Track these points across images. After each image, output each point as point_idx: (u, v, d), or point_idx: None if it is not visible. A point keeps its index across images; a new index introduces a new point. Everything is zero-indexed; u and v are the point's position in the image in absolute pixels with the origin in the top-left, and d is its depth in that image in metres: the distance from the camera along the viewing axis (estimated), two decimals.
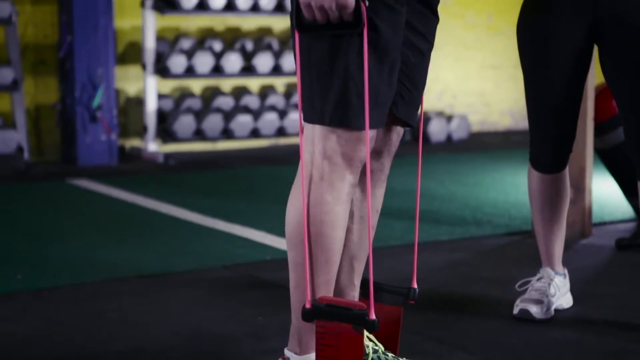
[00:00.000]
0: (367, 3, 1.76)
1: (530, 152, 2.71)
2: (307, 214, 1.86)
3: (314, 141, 1.86)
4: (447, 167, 5.90)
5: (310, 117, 1.87)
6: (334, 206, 1.86)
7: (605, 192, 4.62)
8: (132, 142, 6.48)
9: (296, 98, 6.80)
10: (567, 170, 2.74)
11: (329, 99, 1.83)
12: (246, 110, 6.54)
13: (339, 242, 1.89)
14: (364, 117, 1.81)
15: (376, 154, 2.02)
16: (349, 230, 2.02)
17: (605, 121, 3.80)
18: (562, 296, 2.78)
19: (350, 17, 1.75)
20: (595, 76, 3.57)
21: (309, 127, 1.88)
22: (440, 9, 2.05)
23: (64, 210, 4.53)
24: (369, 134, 1.85)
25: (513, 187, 5.02)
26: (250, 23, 6.86)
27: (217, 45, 6.58)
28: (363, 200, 2.02)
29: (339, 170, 1.86)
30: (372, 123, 1.85)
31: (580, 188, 3.75)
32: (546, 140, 2.65)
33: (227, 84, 6.82)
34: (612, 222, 4.10)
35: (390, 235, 3.78)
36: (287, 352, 1.97)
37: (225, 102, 6.58)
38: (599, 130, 3.81)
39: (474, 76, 7.88)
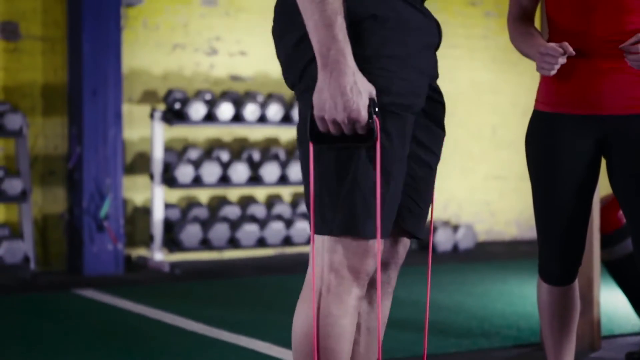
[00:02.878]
0: (379, 117, 1.79)
1: (539, 264, 2.70)
2: (317, 328, 1.85)
3: (322, 253, 1.87)
4: (454, 277, 5.88)
5: (319, 228, 1.88)
6: (340, 319, 1.86)
7: (614, 304, 4.59)
8: (139, 252, 6.48)
9: (302, 207, 6.82)
10: (576, 283, 2.73)
11: (336, 210, 1.84)
12: (252, 219, 6.57)
13: (346, 355, 1.88)
14: (370, 226, 1.83)
15: (383, 265, 2.02)
16: (355, 342, 2.00)
17: (612, 233, 3.80)
18: None
19: (363, 131, 1.78)
20: (600, 187, 3.59)
21: (319, 239, 1.89)
22: (447, 119, 2.09)
23: (69, 321, 4.51)
24: (372, 245, 1.86)
25: (521, 298, 4.99)
26: (257, 133, 6.95)
27: (225, 155, 6.65)
28: (370, 312, 2.02)
29: (345, 283, 1.86)
30: (375, 234, 1.86)
31: (588, 300, 3.73)
32: (555, 253, 2.65)
33: (233, 193, 6.86)
34: (621, 335, 4.05)
35: (396, 348, 3.75)
36: None
37: (232, 212, 6.61)
38: (605, 242, 3.81)
39: (479, 186, 7.92)
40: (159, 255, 6.29)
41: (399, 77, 1.85)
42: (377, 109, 1.77)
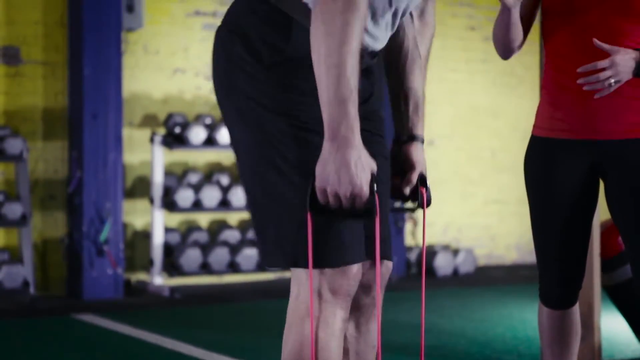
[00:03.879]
0: (378, 197, 1.81)
1: (539, 287, 2.70)
2: (315, 354, 1.86)
3: (302, 280, 1.88)
4: (454, 301, 5.87)
5: (299, 262, 1.88)
6: (327, 343, 1.87)
7: (615, 329, 4.57)
8: (138, 276, 6.47)
9: None
10: (577, 307, 2.72)
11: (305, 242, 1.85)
12: (252, 243, 6.56)
13: None
14: (343, 252, 1.84)
15: (366, 288, 2.02)
16: None
17: (612, 258, 3.80)
18: None
19: (362, 206, 1.79)
20: (600, 212, 3.59)
21: (298, 275, 1.91)
22: (445, 143, 2.10)
23: (68, 346, 4.49)
24: (354, 269, 1.88)
25: (521, 322, 4.97)
26: None
27: (225, 179, 6.65)
28: (358, 336, 2.02)
29: (329, 307, 1.87)
30: (355, 257, 1.87)
31: (589, 325, 3.72)
32: (555, 277, 2.65)
33: (233, 217, 6.86)
34: None
35: None
36: None
37: (232, 236, 6.60)
38: (606, 267, 3.80)
39: (479, 210, 7.92)
40: (159, 280, 6.27)
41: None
42: (376, 185, 1.79)
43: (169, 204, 6.31)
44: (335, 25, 1.75)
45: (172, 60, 6.64)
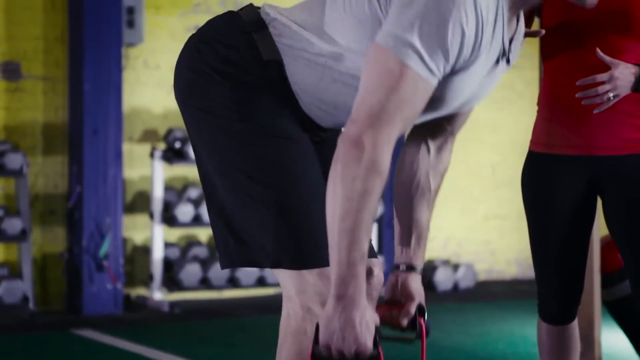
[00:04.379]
0: (382, 349, 1.80)
1: (538, 303, 2.70)
2: None
3: (290, 296, 1.90)
4: (454, 317, 5.85)
5: (275, 262, 1.90)
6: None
7: (615, 344, 4.56)
8: (138, 291, 6.46)
9: None
10: (576, 322, 2.72)
11: (295, 243, 1.88)
12: None
13: None
14: (323, 253, 1.84)
15: None
16: None
17: (612, 273, 3.80)
18: None
19: (365, 359, 1.78)
20: (600, 227, 3.59)
21: (282, 278, 1.91)
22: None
23: None
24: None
25: (521, 338, 4.96)
26: None
27: None
28: None
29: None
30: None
31: (589, 341, 3.71)
32: (553, 292, 2.65)
33: None
34: None
35: None
36: None
37: None
38: (606, 282, 3.80)
39: (479, 225, 7.91)
40: (159, 295, 6.26)
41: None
42: (379, 339, 1.79)
43: (169, 218, 6.30)
44: (355, 190, 1.72)
45: (172, 75, 6.61)
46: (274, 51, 1.93)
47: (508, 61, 2.00)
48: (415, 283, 2.08)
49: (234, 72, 1.93)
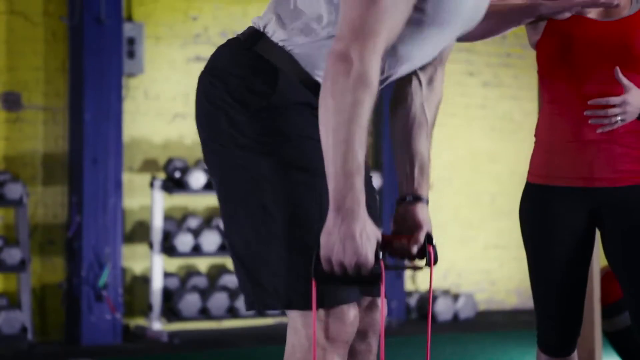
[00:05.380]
0: (385, 262, 1.82)
1: (537, 334, 2.69)
2: None
3: (296, 324, 1.89)
4: (454, 348, 5.83)
5: (291, 304, 1.89)
6: None
7: None
8: (137, 321, 6.44)
9: None
10: (575, 354, 2.71)
11: (302, 283, 1.86)
12: None
13: None
14: (339, 293, 1.84)
15: (361, 334, 2.02)
16: None
17: (613, 303, 3.79)
18: None
19: (368, 274, 1.79)
20: (600, 258, 3.58)
21: (292, 314, 1.91)
22: (444, 187, 2.12)
23: None
24: (350, 315, 1.89)
25: None
26: None
27: None
28: None
29: (326, 354, 1.87)
30: (348, 296, 1.87)
31: None
32: (552, 324, 2.64)
33: None
34: None
35: None
36: None
37: (231, 280, 6.57)
38: (606, 313, 3.79)
39: (479, 255, 7.90)
40: (158, 325, 6.24)
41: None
42: (382, 253, 1.80)
43: (169, 248, 6.30)
44: (346, 102, 1.76)
45: (172, 105, 6.67)
46: (278, 51, 1.94)
47: None
48: (422, 213, 2.09)
49: (250, 98, 1.93)
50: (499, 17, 2.52)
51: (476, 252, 7.89)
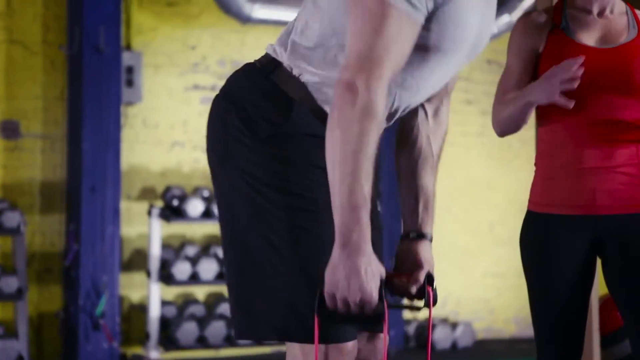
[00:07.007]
0: (389, 301, 1.81)
1: None
2: None
3: (295, 355, 1.88)
4: None
5: (294, 336, 1.88)
6: None
7: None
8: (134, 350, 6.41)
9: None
10: None
11: (302, 317, 1.85)
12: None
13: None
14: (337, 329, 1.83)
15: None
16: None
17: (612, 333, 3.78)
18: None
19: (371, 312, 1.78)
20: (599, 287, 3.57)
21: (291, 346, 1.89)
22: (442, 215, 2.12)
23: None
24: (349, 346, 1.87)
25: None
26: None
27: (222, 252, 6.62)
28: None
29: None
30: (350, 334, 1.86)
31: None
32: (553, 352, 2.63)
33: None
34: None
35: None
36: None
37: (229, 309, 6.55)
38: (605, 343, 3.77)
39: (477, 283, 7.88)
40: (155, 354, 6.21)
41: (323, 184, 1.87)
42: (385, 292, 1.79)
43: (166, 277, 6.28)
44: (352, 132, 1.74)
45: (170, 133, 6.68)
46: (295, 82, 1.93)
47: None
48: (424, 251, 2.07)
49: (263, 126, 1.92)
50: (513, 120, 2.60)
51: (475, 280, 7.87)
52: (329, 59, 1.91)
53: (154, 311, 6.23)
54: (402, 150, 2.10)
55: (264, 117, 1.92)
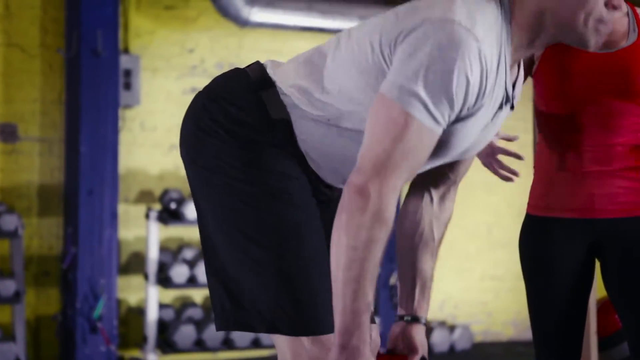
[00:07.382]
0: None
1: None
2: None
3: (282, 349, 1.89)
4: None
5: (277, 328, 1.88)
6: None
7: None
8: (132, 353, 6.41)
9: None
10: None
11: (294, 309, 1.86)
12: None
13: None
14: (321, 321, 1.84)
15: None
16: None
17: (609, 336, 3.77)
18: None
19: None
20: (597, 289, 3.58)
21: (278, 342, 1.90)
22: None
23: None
24: (331, 339, 1.86)
25: None
26: None
27: None
28: None
29: None
30: (330, 327, 1.86)
31: None
32: (551, 355, 2.63)
33: None
34: None
35: None
36: None
37: None
38: (603, 345, 3.77)
39: (475, 287, 7.88)
40: (153, 357, 6.21)
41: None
42: None
43: (164, 280, 6.28)
44: (360, 240, 1.72)
45: (168, 136, 6.68)
46: (281, 110, 1.92)
47: (512, 107, 1.99)
48: (418, 335, 2.08)
49: (242, 131, 1.91)
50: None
51: (472, 283, 7.87)
52: (332, 113, 1.91)
53: (152, 314, 6.23)
54: (403, 232, 2.11)
55: (246, 123, 1.92)
